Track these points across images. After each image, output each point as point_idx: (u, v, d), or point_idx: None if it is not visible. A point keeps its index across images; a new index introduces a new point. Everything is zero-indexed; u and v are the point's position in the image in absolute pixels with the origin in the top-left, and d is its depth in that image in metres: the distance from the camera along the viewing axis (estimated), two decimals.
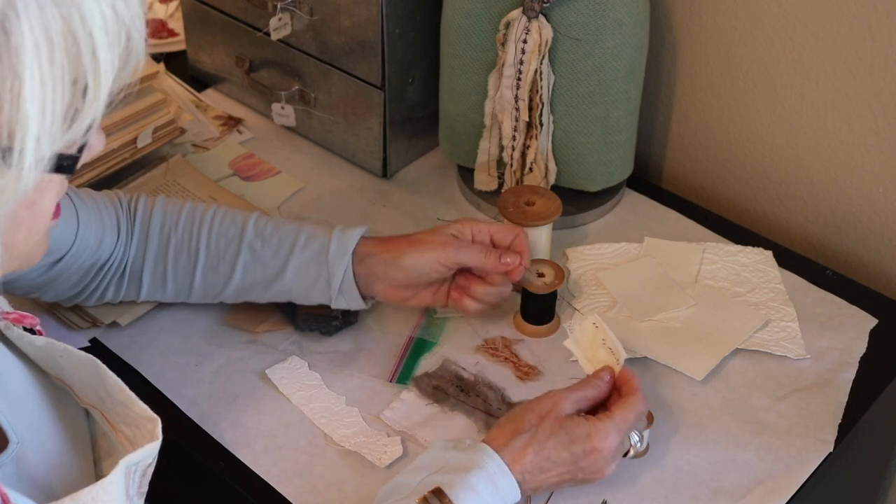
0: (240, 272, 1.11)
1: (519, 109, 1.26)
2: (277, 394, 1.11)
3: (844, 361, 1.15)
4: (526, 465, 0.94)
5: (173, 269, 1.11)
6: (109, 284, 1.12)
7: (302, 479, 1.04)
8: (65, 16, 0.62)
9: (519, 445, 0.95)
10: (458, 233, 1.12)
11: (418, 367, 1.14)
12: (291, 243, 1.10)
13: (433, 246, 1.09)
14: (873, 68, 1.21)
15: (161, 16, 1.70)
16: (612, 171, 1.32)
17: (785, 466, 1.05)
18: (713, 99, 1.37)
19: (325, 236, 1.10)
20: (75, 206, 1.07)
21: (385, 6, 1.27)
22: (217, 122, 1.49)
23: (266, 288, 1.12)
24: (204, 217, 1.11)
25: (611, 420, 0.97)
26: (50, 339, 0.83)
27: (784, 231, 1.39)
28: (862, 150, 1.27)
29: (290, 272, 1.10)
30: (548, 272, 1.16)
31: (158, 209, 1.12)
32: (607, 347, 1.05)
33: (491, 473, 0.93)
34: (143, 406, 0.82)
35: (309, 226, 1.12)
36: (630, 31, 1.23)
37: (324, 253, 1.09)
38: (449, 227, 1.12)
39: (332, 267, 1.09)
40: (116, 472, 0.76)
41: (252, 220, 1.11)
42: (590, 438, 0.96)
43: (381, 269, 1.09)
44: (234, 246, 1.10)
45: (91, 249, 1.08)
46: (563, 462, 0.95)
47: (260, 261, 1.10)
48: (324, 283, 1.10)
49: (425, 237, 1.11)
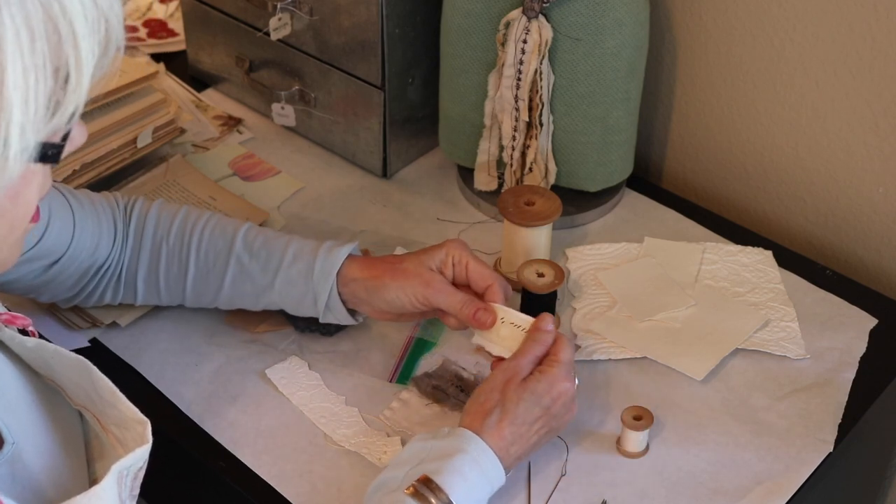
0: (229, 284, 1.11)
1: (519, 109, 1.26)
2: (277, 394, 1.11)
3: (844, 361, 1.15)
4: (506, 438, 0.98)
5: (165, 278, 1.12)
6: (107, 287, 1.12)
7: (302, 479, 1.04)
8: (45, 4, 0.63)
9: (493, 423, 0.98)
10: (443, 265, 1.10)
11: (418, 367, 1.15)
12: (279, 260, 1.10)
13: (414, 283, 1.08)
14: (873, 68, 1.21)
15: (161, 16, 1.70)
16: (611, 171, 1.32)
17: (785, 466, 1.05)
18: (713, 99, 1.37)
19: (311, 255, 1.09)
20: (72, 208, 1.07)
21: (385, 6, 1.27)
22: (217, 122, 1.49)
23: (256, 300, 1.12)
24: (195, 227, 1.11)
25: (560, 364, 1.02)
26: (41, 340, 0.83)
27: (784, 231, 1.39)
28: (862, 150, 1.27)
29: (278, 287, 1.10)
30: (548, 272, 1.16)
31: (153, 215, 1.12)
32: (509, 324, 1.07)
33: (474, 455, 0.95)
34: (133, 408, 0.82)
35: (297, 241, 1.11)
36: (630, 31, 1.23)
37: (309, 273, 1.09)
38: (434, 255, 1.10)
39: (318, 287, 1.09)
40: (109, 479, 0.76)
41: (242, 232, 1.11)
42: (552, 386, 1.00)
43: (363, 294, 1.09)
44: (223, 259, 1.10)
45: (88, 252, 1.08)
46: (537, 418, 1.00)
47: (248, 275, 1.10)
48: (310, 300, 1.10)
49: (409, 268, 1.09)
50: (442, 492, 0.92)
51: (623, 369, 1.14)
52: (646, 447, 1.06)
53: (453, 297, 1.08)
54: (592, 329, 1.18)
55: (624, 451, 1.06)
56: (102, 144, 1.30)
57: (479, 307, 1.08)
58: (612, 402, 1.11)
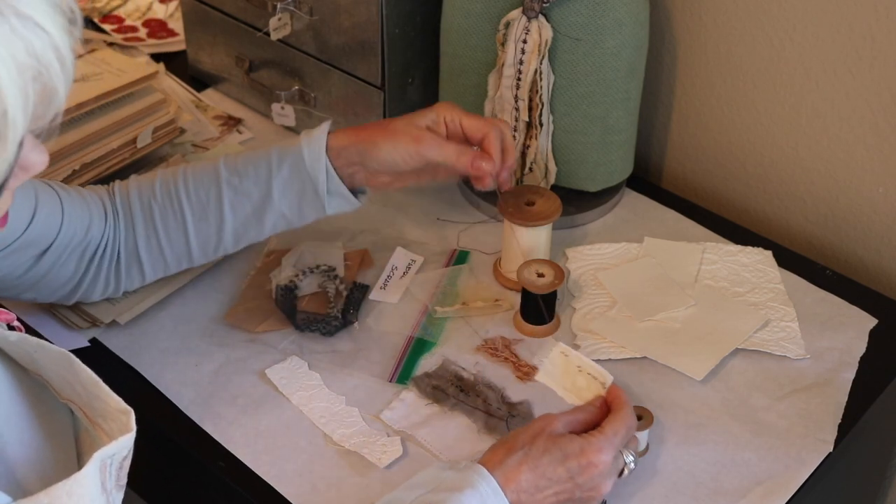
0: (229, 212, 1.10)
1: (519, 109, 1.26)
2: (277, 394, 1.11)
3: (844, 361, 1.15)
4: (521, 484, 0.93)
5: (166, 236, 1.11)
6: (109, 272, 1.12)
7: (302, 479, 1.04)
8: None
9: (513, 464, 0.94)
10: (433, 123, 1.11)
11: (418, 366, 1.15)
12: (267, 168, 1.10)
13: (406, 139, 1.09)
14: (873, 68, 1.21)
15: (161, 16, 1.70)
16: (611, 171, 1.32)
17: (785, 466, 1.05)
18: (713, 99, 1.37)
19: (295, 149, 1.10)
20: (59, 195, 1.07)
21: (385, 6, 1.27)
22: (217, 122, 1.49)
23: (259, 219, 1.12)
24: (176, 177, 1.11)
25: (602, 434, 0.96)
26: (24, 334, 0.83)
27: (784, 231, 1.39)
28: (862, 150, 1.27)
29: (276, 194, 1.10)
30: (548, 272, 1.16)
31: (133, 185, 1.12)
32: (586, 374, 1.04)
33: (483, 494, 0.91)
34: (116, 398, 0.81)
35: (277, 147, 1.11)
36: (630, 31, 1.23)
37: (300, 163, 1.09)
38: (425, 115, 1.11)
39: (314, 172, 1.09)
40: (90, 466, 0.75)
41: (221, 162, 1.11)
42: (584, 453, 0.95)
43: (356, 157, 1.10)
44: (215, 189, 1.10)
45: (80, 235, 1.08)
46: (559, 479, 0.94)
47: (244, 194, 1.10)
48: (311, 192, 1.10)
49: (399, 127, 1.10)
50: None
51: (623, 369, 1.14)
52: (646, 447, 1.05)
53: (446, 147, 1.08)
54: (592, 329, 1.18)
55: None
56: (102, 144, 1.30)
57: (476, 155, 1.08)
58: None
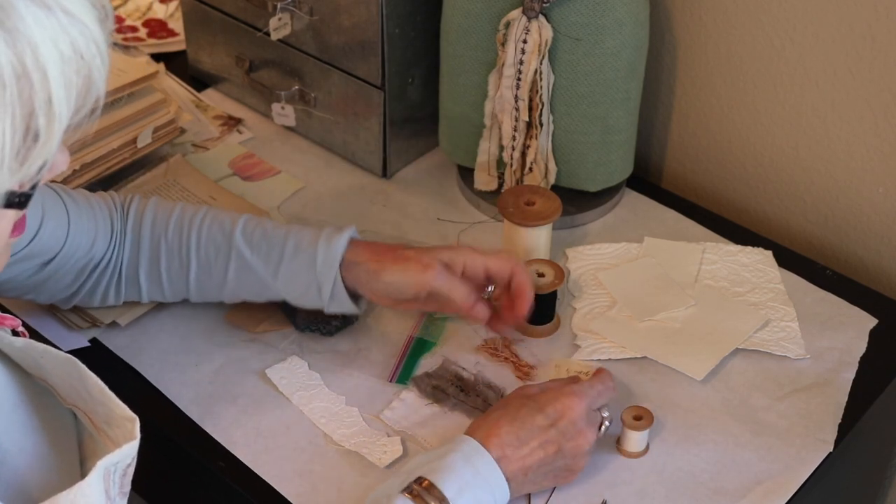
0: (232, 277, 1.11)
1: (519, 109, 1.26)
2: (277, 394, 1.11)
3: (844, 361, 1.15)
4: (503, 438, 0.97)
5: (167, 275, 1.11)
6: (109, 286, 1.12)
7: (302, 478, 1.04)
8: (18, 54, 0.60)
9: (491, 421, 0.98)
10: (450, 261, 1.09)
11: (418, 366, 1.15)
12: (280, 252, 1.09)
13: (416, 268, 1.08)
14: (873, 68, 1.21)
15: (161, 16, 1.70)
16: (611, 171, 1.32)
17: (785, 466, 1.05)
18: (713, 99, 1.37)
19: (311, 246, 1.09)
20: (66, 206, 1.07)
21: (385, 6, 1.27)
22: (217, 121, 1.49)
23: (260, 293, 1.12)
24: (193, 222, 1.11)
25: (576, 384, 1.02)
26: (30, 340, 0.83)
27: (784, 231, 1.39)
28: (862, 150, 1.27)
29: (281, 280, 1.10)
30: (548, 272, 1.16)
31: (149, 212, 1.11)
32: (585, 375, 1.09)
33: (467, 453, 0.95)
34: (122, 405, 0.82)
35: (296, 232, 1.10)
36: (630, 31, 1.23)
37: (312, 263, 1.08)
38: (444, 252, 1.10)
39: (321, 277, 1.08)
40: (94, 475, 0.75)
41: (240, 226, 1.10)
42: (559, 398, 0.99)
43: (364, 277, 1.09)
44: (224, 254, 1.10)
45: (83, 249, 1.08)
46: (540, 427, 0.98)
47: (251, 269, 1.10)
48: (314, 291, 1.09)
49: (412, 255, 1.09)
50: (435, 488, 0.92)
51: (623, 369, 1.14)
52: (646, 447, 1.06)
53: (455, 284, 1.08)
54: (592, 329, 1.18)
55: (624, 451, 1.06)
56: (102, 144, 1.30)
57: (479, 300, 1.08)
58: (612, 402, 1.10)
